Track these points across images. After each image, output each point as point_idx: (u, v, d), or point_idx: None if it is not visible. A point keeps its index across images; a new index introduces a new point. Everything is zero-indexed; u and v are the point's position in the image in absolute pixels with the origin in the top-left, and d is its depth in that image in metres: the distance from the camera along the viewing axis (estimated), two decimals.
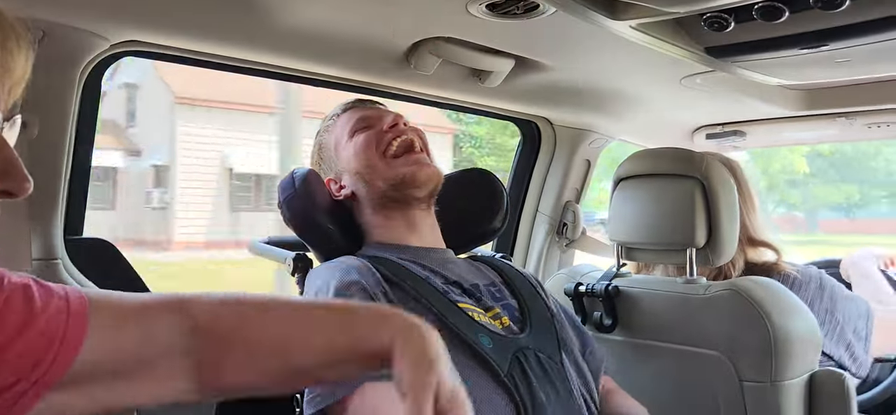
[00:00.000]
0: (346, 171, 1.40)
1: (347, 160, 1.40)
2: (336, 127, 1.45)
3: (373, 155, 1.37)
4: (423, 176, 1.36)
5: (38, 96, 1.24)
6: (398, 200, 1.36)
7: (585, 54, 1.54)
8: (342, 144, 1.42)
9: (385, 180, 1.35)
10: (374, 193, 1.37)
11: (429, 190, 1.37)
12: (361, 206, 1.40)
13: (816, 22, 1.06)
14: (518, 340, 1.24)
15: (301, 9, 1.26)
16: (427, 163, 1.38)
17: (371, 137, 1.38)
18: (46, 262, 1.37)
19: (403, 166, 1.35)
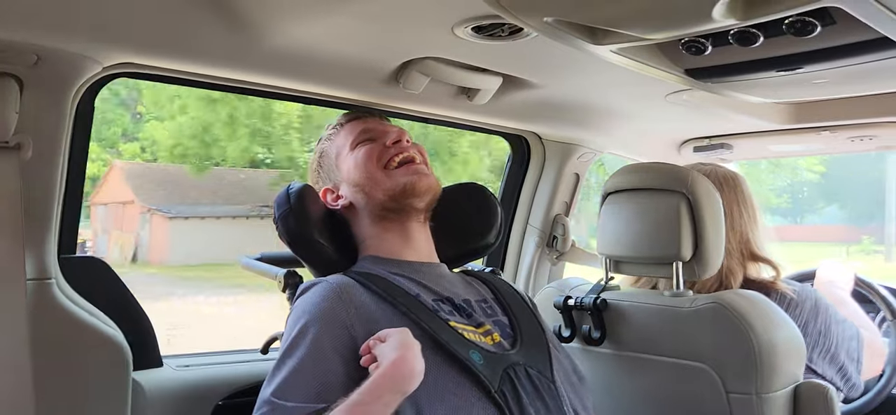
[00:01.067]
0: (345, 181, 1.42)
1: (348, 171, 1.42)
2: (338, 137, 1.47)
3: (374, 167, 1.39)
4: (424, 186, 1.38)
5: (31, 119, 1.28)
6: (396, 211, 1.38)
7: (571, 73, 1.56)
8: (343, 154, 1.44)
9: (385, 192, 1.37)
10: (373, 205, 1.39)
11: (427, 200, 1.40)
12: (358, 217, 1.42)
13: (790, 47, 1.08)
14: (509, 356, 1.25)
15: (291, 30, 1.28)
16: (427, 173, 1.41)
17: (373, 150, 1.41)
18: (40, 281, 1.39)
19: (402, 176, 1.38)
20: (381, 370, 1.08)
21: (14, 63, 1.22)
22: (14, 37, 1.18)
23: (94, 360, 1.45)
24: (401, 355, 1.09)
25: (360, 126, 1.46)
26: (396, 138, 1.41)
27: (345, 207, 1.43)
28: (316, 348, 1.16)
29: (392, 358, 1.09)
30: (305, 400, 1.11)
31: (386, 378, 1.07)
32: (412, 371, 1.08)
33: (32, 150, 1.30)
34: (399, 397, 1.08)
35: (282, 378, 1.14)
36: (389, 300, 1.25)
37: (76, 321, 1.43)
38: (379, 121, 1.50)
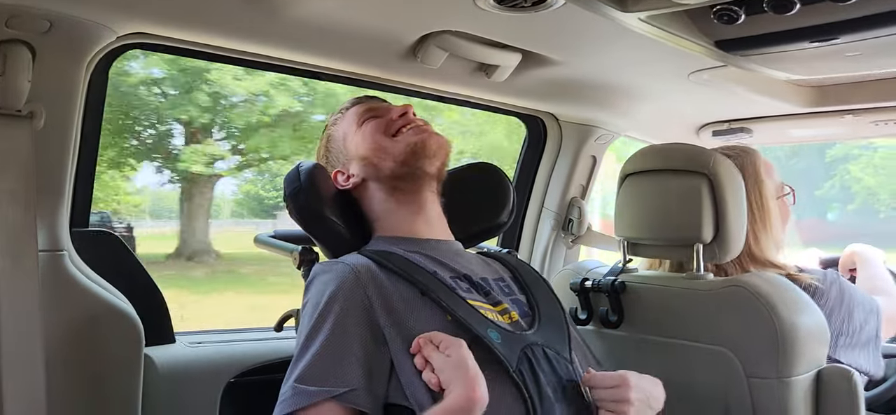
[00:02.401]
0: (354, 158, 1.40)
1: (356, 147, 1.40)
2: (344, 120, 1.45)
3: (381, 137, 1.37)
4: (433, 144, 1.36)
5: (44, 87, 1.26)
6: (408, 178, 1.36)
7: (593, 48, 1.53)
8: (350, 133, 1.42)
9: (394, 158, 1.35)
10: (384, 176, 1.37)
11: (438, 161, 1.38)
12: (370, 193, 1.40)
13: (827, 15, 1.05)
14: (527, 335, 1.24)
15: (308, 2, 1.26)
16: (436, 133, 1.38)
17: (380, 123, 1.39)
18: (52, 253, 1.37)
19: (412, 135, 1.36)
20: (454, 403, 1.07)
21: (26, 29, 1.20)
22: (27, 2, 1.16)
23: (106, 335, 1.44)
24: (472, 385, 1.08)
25: (364, 106, 1.45)
26: (403, 111, 1.40)
27: (356, 185, 1.41)
28: (337, 333, 1.15)
29: (464, 388, 1.08)
30: (329, 385, 1.11)
31: (459, 410, 1.07)
32: (483, 398, 1.07)
33: (45, 119, 1.28)
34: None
35: (305, 363, 1.13)
36: (407, 279, 1.24)
37: (88, 295, 1.42)
38: (385, 102, 1.48)
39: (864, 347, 1.56)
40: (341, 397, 1.10)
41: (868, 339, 1.57)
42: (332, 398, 1.10)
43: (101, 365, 1.44)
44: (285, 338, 1.58)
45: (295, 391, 1.11)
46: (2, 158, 1.22)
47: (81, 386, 1.42)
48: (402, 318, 1.18)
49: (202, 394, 1.60)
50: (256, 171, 8.11)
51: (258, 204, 8.77)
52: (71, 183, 1.41)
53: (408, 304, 1.20)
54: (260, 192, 8.72)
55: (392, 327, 1.17)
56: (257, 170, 8.00)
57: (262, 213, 8.73)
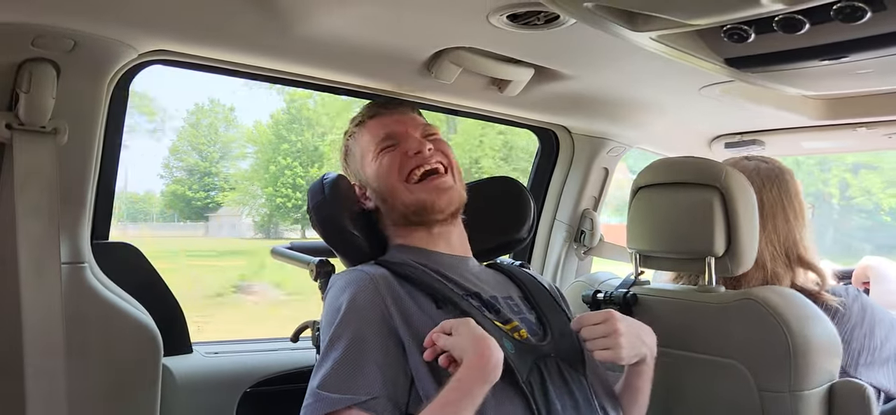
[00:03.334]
0: (369, 186, 1.43)
1: (372, 178, 1.42)
2: (362, 137, 1.46)
3: (395, 180, 1.38)
4: (443, 202, 1.37)
5: (67, 104, 1.29)
6: (418, 222, 1.38)
7: (605, 64, 1.54)
8: (368, 159, 1.44)
9: (405, 205, 1.37)
10: (396, 214, 1.40)
11: (449, 213, 1.39)
12: (385, 218, 1.43)
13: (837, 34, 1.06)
14: (540, 347, 1.25)
15: (324, 19, 1.28)
16: (447, 187, 1.38)
17: (394, 160, 1.39)
18: (74, 265, 1.40)
19: (423, 192, 1.37)
20: (467, 365, 1.10)
21: (51, 48, 1.23)
22: (52, 22, 1.19)
23: (125, 345, 1.46)
24: (484, 346, 1.11)
25: (382, 129, 1.44)
26: (418, 148, 1.39)
27: (372, 209, 1.44)
28: (357, 340, 1.17)
29: (476, 351, 1.10)
30: (350, 392, 1.12)
31: (474, 371, 1.09)
32: (497, 360, 1.10)
33: (68, 135, 1.31)
34: (486, 388, 1.09)
35: (326, 371, 1.15)
36: (424, 289, 1.26)
37: (108, 306, 1.45)
38: (400, 118, 1.46)
39: (884, 364, 1.55)
40: (364, 405, 1.11)
41: (888, 356, 1.55)
42: (355, 406, 1.11)
43: (120, 375, 1.46)
44: (301, 348, 1.60)
45: (318, 398, 1.13)
46: (27, 173, 1.26)
47: (102, 396, 1.44)
48: (419, 329, 1.19)
49: (219, 404, 1.62)
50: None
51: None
52: (92, 196, 1.44)
53: (425, 315, 1.22)
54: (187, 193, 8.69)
55: (411, 339, 1.19)
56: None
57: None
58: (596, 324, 1.26)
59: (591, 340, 1.26)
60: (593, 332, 1.26)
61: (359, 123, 1.49)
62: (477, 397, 1.09)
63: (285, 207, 8.54)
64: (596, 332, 1.26)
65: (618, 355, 1.27)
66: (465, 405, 1.08)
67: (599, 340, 1.26)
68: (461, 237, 1.43)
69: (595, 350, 1.26)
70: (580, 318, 1.28)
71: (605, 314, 1.28)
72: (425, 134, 1.43)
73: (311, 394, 1.15)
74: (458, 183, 1.43)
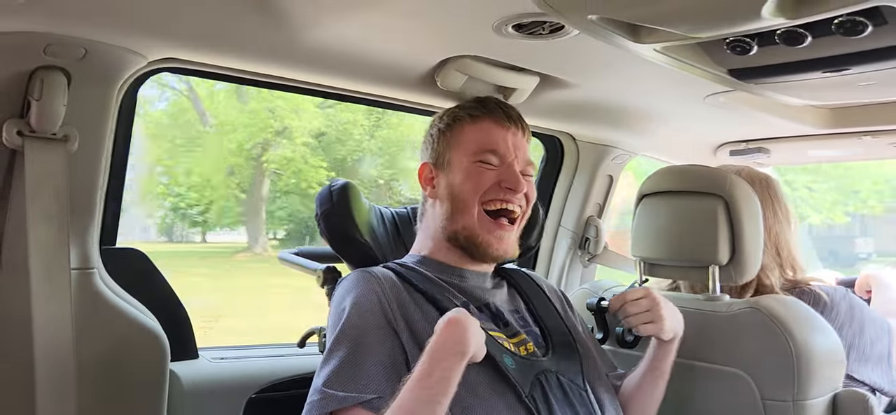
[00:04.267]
0: (448, 180, 1.35)
1: (451, 178, 1.34)
2: (466, 129, 1.36)
3: (472, 196, 1.32)
4: (497, 251, 1.33)
5: (78, 111, 1.30)
6: (463, 248, 1.34)
7: (609, 73, 1.55)
8: (460, 154, 1.35)
9: (464, 227, 1.32)
10: (451, 228, 1.34)
11: (492, 261, 1.37)
12: (436, 213, 1.37)
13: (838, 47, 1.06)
14: (541, 362, 1.26)
15: (332, 27, 1.30)
16: (506, 239, 1.34)
17: (487, 180, 1.32)
18: (83, 271, 1.42)
19: (485, 232, 1.32)
20: (434, 336, 1.10)
21: (63, 56, 1.25)
22: (63, 30, 1.21)
23: (133, 350, 1.48)
24: (452, 318, 1.11)
25: (491, 140, 1.34)
26: (513, 185, 1.31)
27: (432, 194, 1.38)
28: (361, 340, 1.18)
29: (445, 321, 1.11)
30: (356, 391, 1.12)
31: (440, 341, 1.09)
32: (465, 329, 1.09)
33: (78, 142, 1.33)
34: (459, 360, 1.08)
35: (331, 369, 1.16)
36: (430, 300, 1.26)
37: (117, 311, 1.46)
38: (514, 140, 1.35)
39: (877, 363, 1.56)
40: (369, 404, 1.11)
41: (881, 356, 1.56)
42: (359, 404, 1.11)
43: (128, 380, 1.47)
44: (308, 354, 1.61)
45: (323, 395, 1.13)
46: (37, 180, 1.27)
47: (109, 400, 1.45)
48: (420, 336, 1.20)
49: (225, 409, 1.63)
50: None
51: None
52: (101, 203, 1.46)
53: (427, 325, 1.21)
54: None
55: (413, 344, 1.19)
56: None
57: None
58: (638, 299, 1.28)
59: (634, 315, 1.28)
60: (638, 306, 1.28)
61: (472, 113, 1.37)
62: (451, 369, 1.07)
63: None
64: (640, 306, 1.28)
65: (661, 328, 1.30)
66: (438, 376, 1.07)
67: (643, 314, 1.28)
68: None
69: (638, 325, 1.28)
70: (621, 295, 1.30)
71: (644, 290, 1.31)
72: (524, 170, 1.36)
73: (315, 391, 1.15)
74: (516, 239, 1.38)
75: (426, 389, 1.06)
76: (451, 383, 1.07)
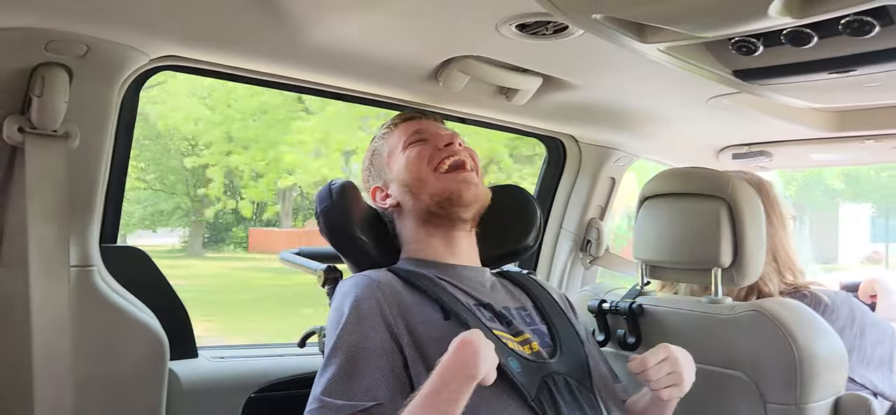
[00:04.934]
0: (394, 180, 1.41)
1: (398, 171, 1.41)
2: (391, 136, 1.46)
3: (423, 168, 1.37)
4: (470, 195, 1.36)
5: (79, 108, 1.30)
6: (441, 216, 1.37)
7: (613, 74, 1.55)
8: (395, 153, 1.43)
9: (431, 196, 1.36)
10: (419, 208, 1.38)
11: (473, 210, 1.38)
12: (404, 218, 1.41)
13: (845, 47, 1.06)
14: (548, 365, 1.25)
15: (334, 26, 1.29)
16: (474, 182, 1.38)
17: (424, 151, 1.39)
18: (83, 268, 1.41)
19: (451, 182, 1.36)
20: (445, 356, 1.09)
21: (65, 53, 1.24)
22: (65, 27, 1.21)
23: (132, 348, 1.47)
24: (464, 339, 1.09)
25: (413, 126, 1.45)
26: (448, 140, 1.39)
27: (393, 206, 1.42)
28: (360, 347, 1.17)
29: (456, 343, 1.09)
30: (353, 398, 1.12)
31: (450, 362, 1.08)
32: (476, 352, 1.07)
33: (79, 139, 1.33)
34: (469, 383, 1.07)
35: (329, 376, 1.16)
36: (431, 298, 1.26)
37: (116, 309, 1.45)
38: (433, 122, 1.47)
39: (879, 367, 1.56)
40: (367, 412, 1.11)
41: (882, 360, 1.56)
42: (358, 412, 1.11)
43: (127, 378, 1.47)
44: (308, 354, 1.61)
45: (322, 404, 1.13)
46: (38, 177, 1.27)
47: (108, 399, 1.45)
48: (423, 339, 1.19)
49: (224, 408, 1.62)
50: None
51: None
52: (102, 200, 1.45)
53: (429, 325, 1.21)
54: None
55: (414, 348, 1.19)
56: None
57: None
58: (659, 363, 1.25)
59: (656, 380, 1.25)
60: (659, 372, 1.25)
61: (390, 127, 1.48)
62: (459, 391, 1.06)
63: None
64: (662, 371, 1.25)
65: (683, 390, 1.28)
66: (446, 397, 1.06)
67: (665, 378, 1.25)
68: (474, 249, 1.43)
69: (660, 389, 1.26)
70: (642, 360, 1.26)
71: (663, 351, 1.27)
72: (455, 135, 1.43)
73: (314, 399, 1.15)
74: (483, 185, 1.42)
75: (433, 407, 1.06)
76: (458, 405, 1.06)
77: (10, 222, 1.33)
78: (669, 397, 1.27)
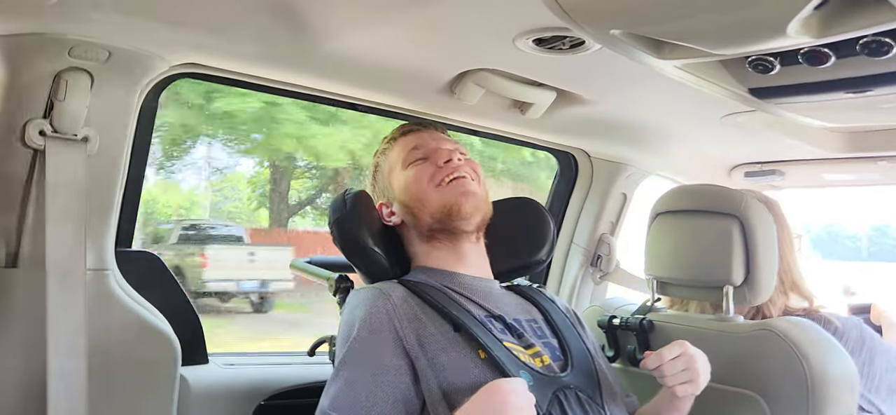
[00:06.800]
0: (397, 199, 1.42)
1: (399, 190, 1.42)
2: (392, 152, 1.47)
3: (423, 186, 1.38)
4: (470, 206, 1.36)
5: (99, 113, 1.32)
6: (445, 231, 1.37)
7: (627, 89, 1.55)
8: (396, 172, 1.44)
9: (432, 215, 1.36)
10: (422, 226, 1.38)
11: (475, 221, 1.38)
12: (410, 234, 1.42)
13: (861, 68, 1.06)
14: (559, 378, 1.25)
15: (353, 38, 1.30)
16: (474, 192, 1.38)
17: (424, 171, 1.39)
18: (98, 272, 1.42)
19: (450, 195, 1.36)
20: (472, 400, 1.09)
21: (87, 58, 1.26)
22: (89, 33, 1.22)
23: (144, 352, 1.48)
24: (493, 386, 1.09)
25: (412, 142, 1.45)
26: (447, 157, 1.39)
27: (397, 224, 1.43)
28: (369, 360, 1.17)
29: (484, 389, 1.09)
30: (361, 412, 1.13)
31: (476, 409, 1.08)
32: (504, 402, 1.06)
33: (99, 144, 1.34)
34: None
35: (337, 389, 1.16)
36: (442, 312, 1.25)
37: (130, 314, 1.46)
38: (432, 135, 1.47)
39: (888, 395, 1.54)
40: None
41: (891, 388, 1.55)
42: None
43: (139, 381, 1.48)
44: (317, 363, 1.61)
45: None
46: (58, 179, 1.28)
47: (120, 402, 1.45)
48: (433, 353, 1.19)
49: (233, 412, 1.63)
50: None
51: None
52: (119, 205, 1.46)
53: (441, 339, 1.21)
54: None
55: (425, 362, 1.18)
56: None
57: None
58: (675, 358, 1.26)
59: (671, 375, 1.25)
60: (674, 367, 1.26)
61: (390, 141, 1.49)
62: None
63: None
64: (677, 367, 1.26)
65: (698, 387, 1.28)
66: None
67: (680, 374, 1.26)
68: (484, 260, 1.43)
69: (676, 384, 1.26)
70: (658, 354, 1.27)
71: (679, 347, 1.28)
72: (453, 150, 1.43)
73: (321, 412, 1.15)
74: (485, 195, 1.42)
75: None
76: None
77: (28, 225, 1.33)
78: (684, 394, 1.27)
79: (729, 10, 0.92)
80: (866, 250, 9.36)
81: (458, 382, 1.16)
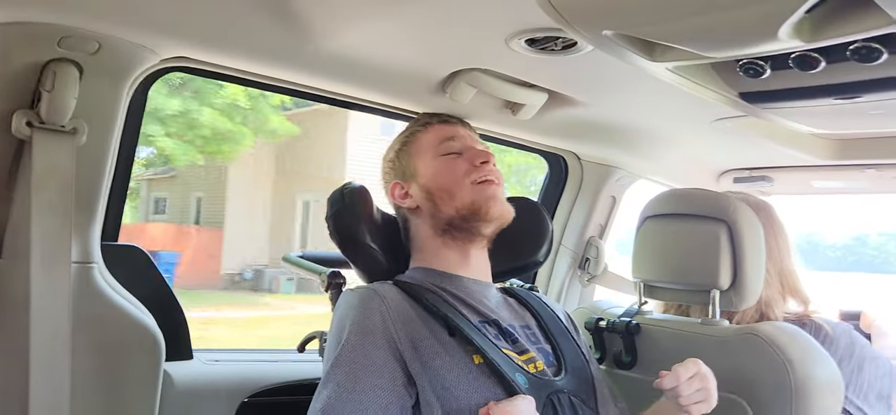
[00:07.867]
0: (419, 182, 1.40)
1: (425, 175, 1.39)
2: (425, 135, 1.44)
3: (456, 180, 1.36)
4: (496, 211, 1.36)
5: (88, 105, 1.30)
6: (462, 229, 1.36)
7: (619, 92, 1.56)
8: (426, 157, 1.41)
9: (458, 208, 1.35)
10: (440, 217, 1.37)
11: (494, 228, 1.38)
12: (421, 223, 1.40)
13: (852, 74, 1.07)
14: (553, 382, 1.25)
15: (345, 35, 1.30)
16: (502, 200, 1.38)
17: (459, 164, 1.38)
18: (84, 265, 1.41)
19: (480, 194, 1.35)
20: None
21: (76, 49, 1.25)
22: (79, 23, 1.21)
23: (128, 347, 1.47)
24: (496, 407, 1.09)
25: (448, 132, 1.43)
26: (486, 159, 1.38)
27: (410, 208, 1.41)
28: (361, 363, 1.16)
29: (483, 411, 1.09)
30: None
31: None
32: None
33: (86, 136, 1.33)
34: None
35: (329, 392, 1.15)
36: (437, 316, 1.24)
37: (114, 308, 1.45)
38: (469, 133, 1.47)
39: (876, 402, 1.55)
40: None
41: (880, 395, 1.55)
42: None
43: (122, 377, 1.46)
44: (305, 360, 1.60)
45: None
46: (44, 171, 1.27)
47: (103, 396, 1.44)
48: (428, 357, 1.18)
49: (217, 412, 1.61)
50: None
51: None
52: (105, 198, 1.45)
53: (435, 343, 1.20)
54: None
55: (419, 365, 1.17)
56: None
57: None
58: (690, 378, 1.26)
59: (687, 395, 1.25)
60: (691, 387, 1.25)
61: (424, 124, 1.46)
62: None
63: None
64: (693, 387, 1.25)
65: (710, 407, 1.28)
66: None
67: (695, 394, 1.26)
68: (486, 264, 1.42)
69: (689, 404, 1.26)
70: (675, 374, 1.26)
71: (694, 366, 1.27)
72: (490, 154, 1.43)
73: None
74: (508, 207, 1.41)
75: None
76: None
77: (13, 216, 1.32)
78: (697, 413, 1.27)
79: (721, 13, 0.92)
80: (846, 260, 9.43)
81: (452, 386, 1.16)
